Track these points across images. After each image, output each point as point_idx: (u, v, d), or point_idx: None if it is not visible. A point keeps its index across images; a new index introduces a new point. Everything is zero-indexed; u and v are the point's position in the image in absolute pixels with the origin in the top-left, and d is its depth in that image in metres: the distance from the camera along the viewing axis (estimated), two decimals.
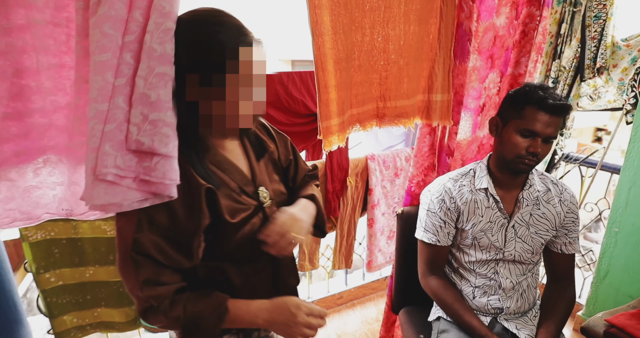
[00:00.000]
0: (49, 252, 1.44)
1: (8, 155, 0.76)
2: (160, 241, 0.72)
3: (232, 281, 0.84)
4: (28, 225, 0.88)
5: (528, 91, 1.06)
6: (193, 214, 0.73)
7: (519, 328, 1.17)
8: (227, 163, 0.82)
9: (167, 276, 0.74)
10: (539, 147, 1.05)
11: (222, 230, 0.78)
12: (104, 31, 0.63)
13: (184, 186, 0.72)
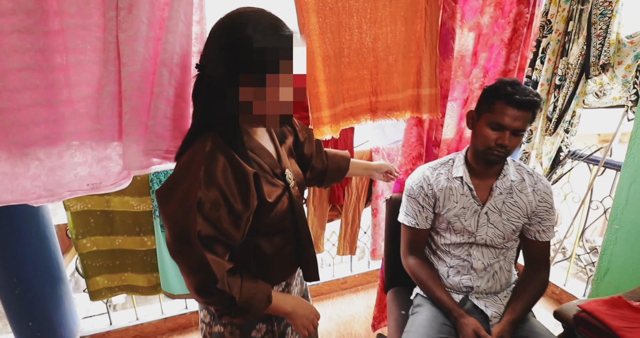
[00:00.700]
0: (86, 221, 1.69)
1: (38, 137, 0.97)
2: (219, 219, 0.79)
3: (264, 252, 0.93)
4: (51, 201, 1.07)
5: (498, 87, 1.14)
6: (244, 196, 0.82)
7: (487, 306, 1.26)
8: (261, 148, 0.90)
9: (222, 253, 0.82)
10: (507, 139, 1.13)
11: (262, 210, 0.87)
12: (134, 49, 0.83)
13: (235, 172, 0.80)
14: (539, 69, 2.05)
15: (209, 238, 0.79)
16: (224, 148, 0.81)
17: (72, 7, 0.93)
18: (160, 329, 2.03)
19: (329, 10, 1.12)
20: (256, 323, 1.00)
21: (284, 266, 1.01)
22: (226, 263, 0.83)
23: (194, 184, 0.77)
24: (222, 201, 0.79)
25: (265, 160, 0.90)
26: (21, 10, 0.95)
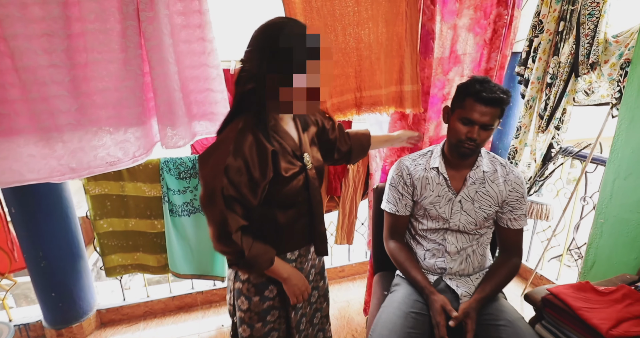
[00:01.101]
0: (103, 204, 1.88)
1: (63, 123, 1.15)
2: (240, 183, 0.97)
3: (278, 222, 1.10)
4: (73, 178, 1.26)
5: (468, 84, 1.23)
6: (263, 168, 0.99)
7: (458, 286, 1.36)
8: (284, 132, 1.08)
9: (240, 212, 1.00)
10: (476, 133, 1.22)
11: (277, 182, 1.04)
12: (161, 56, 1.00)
13: (258, 148, 0.98)
14: (530, 67, 2.13)
15: (230, 198, 0.97)
16: (253, 128, 1.00)
17: (91, 14, 1.10)
18: (169, 306, 2.21)
19: (316, 13, 1.25)
20: (269, 284, 1.17)
21: (296, 237, 1.18)
22: (241, 220, 1.00)
23: (225, 154, 0.96)
24: (244, 170, 0.98)
25: (287, 142, 1.08)
26: (50, 17, 1.13)
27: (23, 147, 1.11)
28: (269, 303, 1.19)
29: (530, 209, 2.26)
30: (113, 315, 2.12)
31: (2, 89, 1.09)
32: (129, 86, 1.17)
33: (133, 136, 1.24)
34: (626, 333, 1.10)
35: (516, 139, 2.24)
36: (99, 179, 1.83)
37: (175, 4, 1.18)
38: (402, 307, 1.30)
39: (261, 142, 1.00)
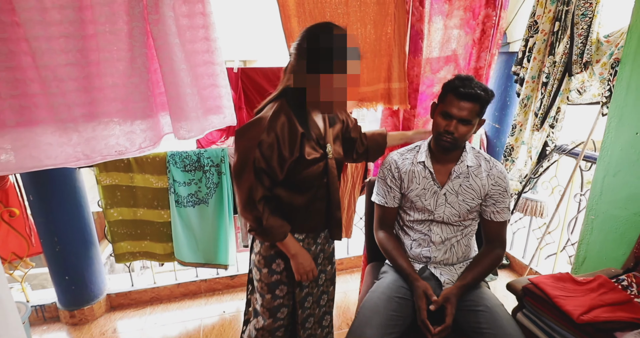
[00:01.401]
0: (113, 194, 2.00)
1: (78, 115, 1.26)
2: (270, 158, 1.12)
3: (294, 203, 1.24)
4: (87, 164, 1.39)
5: (450, 81, 1.30)
6: (291, 147, 1.14)
7: (442, 274, 1.43)
8: (312, 121, 1.22)
9: (266, 183, 1.16)
10: (453, 127, 1.28)
11: (299, 163, 1.17)
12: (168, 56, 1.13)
13: (289, 128, 1.13)
14: (525, 67, 2.17)
15: (260, 169, 1.13)
16: (288, 111, 1.14)
17: (102, 17, 1.21)
18: (174, 293, 2.33)
19: (308, 15, 1.34)
20: (276, 258, 1.30)
21: (311, 220, 1.31)
22: (265, 190, 1.16)
23: (260, 130, 1.10)
24: (275, 146, 1.11)
25: (314, 131, 1.22)
26: (67, 20, 1.25)
27: (41, 136, 1.23)
28: (276, 277, 1.32)
29: (525, 206, 2.31)
30: (122, 300, 2.25)
31: (24, 84, 1.21)
32: (135, 82, 1.29)
33: (138, 128, 1.35)
34: (595, 318, 1.16)
35: (512, 136, 2.29)
36: (110, 171, 1.96)
37: (181, 7, 1.29)
38: (387, 292, 1.37)
39: (293, 123, 1.14)
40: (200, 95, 1.40)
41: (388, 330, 1.26)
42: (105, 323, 2.13)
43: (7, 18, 1.20)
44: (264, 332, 1.38)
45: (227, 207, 2.14)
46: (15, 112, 1.20)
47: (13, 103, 1.20)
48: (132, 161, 1.96)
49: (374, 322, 1.27)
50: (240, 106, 2.19)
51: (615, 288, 1.29)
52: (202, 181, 2.09)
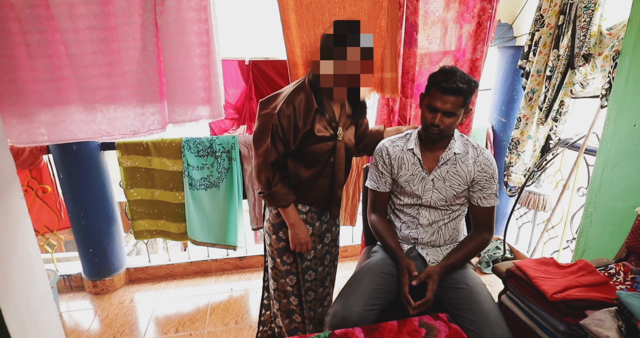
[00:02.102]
0: (133, 175, 2.18)
1: (101, 97, 1.43)
2: (286, 127, 1.26)
3: (300, 176, 1.38)
4: (109, 140, 1.56)
5: (434, 74, 1.31)
6: (305, 120, 1.27)
7: (428, 254, 1.50)
8: (329, 105, 1.35)
9: (280, 149, 1.29)
10: (438, 119, 1.31)
11: (308, 137, 1.30)
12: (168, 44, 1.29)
13: (306, 103, 1.26)
14: (531, 61, 2.19)
15: (277, 135, 1.27)
16: (307, 90, 1.28)
17: (120, 10, 1.37)
18: (187, 270, 2.50)
19: (305, 9, 1.45)
20: (282, 227, 1.45)
21: (315, 194, 1.44)
22: (279, 156, 1.30)
23: (281, 101, 1.25)
24: (292, 117, 1.25)
25: (328, 112, 1.34)
26: (92, 14, 1.42)
27: (75, 113, 1.42)
28: (282, 244, 1.48)
29: (528, 199, 2.32)
30: (139, 274, 2.44)
31: (59, 69, 1.40)
32: (145, 69, 1.44)
33: (148, 111, 1.51)
34: (567, 296, 1.20)
35: (517, 130, 2.31)
36: (130, 154, 2.14)
37: (189, 1, 1.42)
38: (374, 268, 1.46)
39: (310, 100, 1.27)
40: (192, 84, 1.54)
41: (371, 300, 1.35)
42: (124, 294, 2.32)
43: (44, 12, 1.38)
44: (279, 292, 1.56)
45: (237, 191, 2.29)
46: (53, 93, 1.39)
47: (52, 86, 1.39)
48: (151, 145, 2.13)
49: (358, 292, 1.36)
50: (251, 97, 2.32)
51: (594, 271, 1.32)
52: (214, 166, 2.24)
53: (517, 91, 2.46)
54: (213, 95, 1.63)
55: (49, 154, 2.08)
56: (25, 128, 1.49)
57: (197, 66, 1.57)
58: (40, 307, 1.40)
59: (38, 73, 1.44)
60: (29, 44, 1.41)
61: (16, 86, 1.44)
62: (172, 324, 2.06)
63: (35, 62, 1.43)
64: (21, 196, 1.33)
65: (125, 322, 2.08)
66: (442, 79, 1.29)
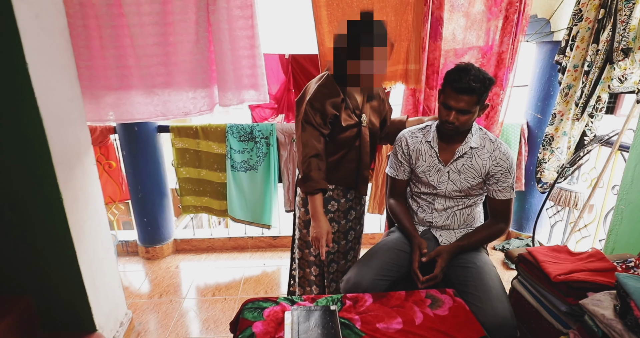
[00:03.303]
0: (183, 155, 2.46)
1: (158, 82, 1.69)
2: (318, 113, 1.39)
3: (328, 159, 1.51)
4: (163, 119, 1.82)
5: (449, 73, 1.35)
6: (333, 107, 1.41)
7: (441, 236, 1.58)
8: (351, 93, 1.47)
9: (315, 134, 1.41)
10: (453, 117, 1.37)
11: (336, 125, 1.45)
12: (220, 38, 1.53)
13: (333, 94, 1.39)
14: (568, 56, 2.17)
15: (311, 125, 1.41)
16: (333, 81, 1.41)
17: (177, 8, 1.61)
18: (225, 245, 2.75)
19: (336, 5, 1.59)
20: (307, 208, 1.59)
21: (341, 175, 1.57)
22: (318, 144, 1.43)
23: (310, 94, 1.40)
24: (321, 105, 1.39)
25: (352, 102, 1.48)
26: (154, 11, 1.67)
27: (135, 97, 1.69)
28: (309, 217, 1.59)
29: (559, 196, 2.29)
30: (185, 245, 2.73)
31: (125, 58, 1.67)
32: (198, 60, 1.68)
33: (199, 95, 1.75)
34: (569, 278, 1.25)
35: (551, 126, 2.29)
36: (182, 136, 2.41)
37: (236, 0, 1.63)
38: (389, 244, 1.58)
39: (336, 91, 1.40)
40: (239, 72, 1.75)
41: (382, 272, 1.47)
42: (171, 261, 2.62)
43: (117, 10, 1.65)
44: (303, 261, 1.73)
45: (273, 175, 2.49)
46: (118, 79, 1.66)
47: (117, 72, 1.66)
48: (199, 129, 2.40)
49: (371, 263, 1.49)
50: (290, 88, 2.51)
51: (603, 258, 1.35)
52: (254, 151, 2.46)
53: (553, 87, 2.43)
54: (258, 82, 1.83)
55: (116, 134, 2.41)
56: (93, 108, 1.79)
57: (243, 56, 1.78)
58: (103, 256, 1.68)
59: (107, 61, 1.72)
60: (102, 37, 1.70)
61: (90, 72, 1.73)
62: (209, 289, 2.31)
63: (106, 52, 1.72)
64: (94, 162, 1.61)
65: (170, 284, 2.36)
66: (456, 79, 1.32)
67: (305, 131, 1.41)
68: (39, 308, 1.55)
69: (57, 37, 1.39)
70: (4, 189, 1.38)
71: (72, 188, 1.46)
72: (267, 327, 1.20)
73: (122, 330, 1.81)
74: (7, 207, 1.40)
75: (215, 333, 1.93)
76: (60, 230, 1.43)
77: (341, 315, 1.26)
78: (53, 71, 1.37)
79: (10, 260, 1.47)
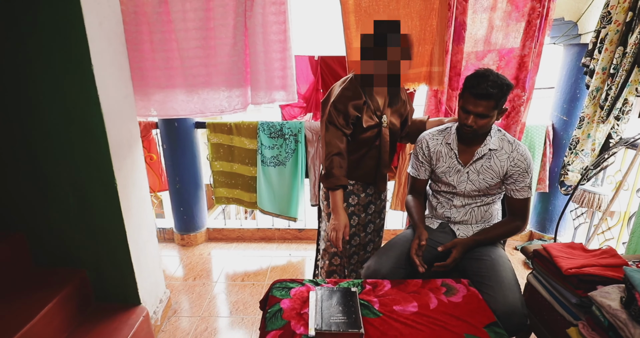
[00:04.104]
0: (217, 150, 2.64)
1: (199, 82, 1.86)
2: (341, 114, 1.48)
3: (349, 157, 1.60)
4: (202, 116, 1.99)
5: (468, 78, 1.40)
6: (355, 108, 1.50)
7: (459, 229, 1.66)
8: (373, 97, 1.56)
9: (337, 134, 1.50)
10: (471, 121, 1.42)
11: (357, 126, 1.54)
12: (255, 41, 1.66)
13: (355, 96, 1.48)
14: (596, 58, 2.18)
15: (335, 126, 1.51)
16: (356, 84, 1.50)
17: (218, 14, 1.78)
18: (254, 236, 2.92)
19: (363, 11, 1.71)
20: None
21: (362, 171, 1.66)
22: (340, 143, 1.52)
23: (334, 96, 1.50)
24: (344, 107, 1.49)
25: (374, 104, 1.57)
26: (198, 18, 1.84)
27: (178, 95, 1.87)
28: (330, 210, 1.69)
29: (582, 198, 2.31)
30: (216, 234, 2.92)
31: (171, 60, 1.86)
32: (234, 61, 1.84)
33: (234, 94, 1.91)
34: (580, 271, 1.31)
35: (579, 129, 2.30)
36: (217, 132, 2.59)
37: (270, 7, 1.78)
38: (407, 236, 1.68)
39: (359, 93, 1.50)
40: (271, 73, 1.91)
41: (400, 261, 1.56)
42: (204, 248, 2.81)
43: (165, 17, 1.84)
44: (324, 252, 1.84)
45: (301, 170, 2.63)
46: (165, 79, 1.85)
47: (165, 73, 1.85)
48: (233, 126, 2.57)
49: (390, 253, 1.59)
50: (318, 89, 2.64)
51: (615, 255, 1.39)
52: (283, 147, 2.61)
53: (580, 89, 2.44)
54: (288, 83, 1.97)
55: (157, 129, 2.62)
56: (143, 104, 1.99)
57: (275, 59, 1.92)
58: (147, 239, 1.87)
59: (156, 63, 1.91)
60: (152, 41, 1.89)
61: (141, 72, 1.93)
62: (238, 275, 2.48)
63: (155, 55, 1.91)
64: (141, 153, 1.80)
65: (203, 269, 2.55)
66: (474, 84, 1.38)
67: (329, 131, 1.51)
68: (93, 281, 1.76)
69: (115, 42, 1.57)
70: (69, 175, 1.58)
71: (124, 176, 1.65)
72: (293, 303, 1.33)
73: (161, 306, 2.00)
74: (71, 190, 1.60)
75: (245, 314, 2.09)
76: (114, 212, 1.62)
77: (361, 297, 1.37)
78: (111, 72, 1.56)
79: (70, 236, 1.68)
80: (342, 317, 1.21)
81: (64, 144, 1.53)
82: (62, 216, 1.64)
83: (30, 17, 1.37)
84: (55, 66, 1.42)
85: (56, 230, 1.66)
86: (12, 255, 1.63)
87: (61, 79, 1.44)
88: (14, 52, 1.42)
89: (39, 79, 1.45)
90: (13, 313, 1.44)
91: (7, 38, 1.40)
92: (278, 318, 1.26)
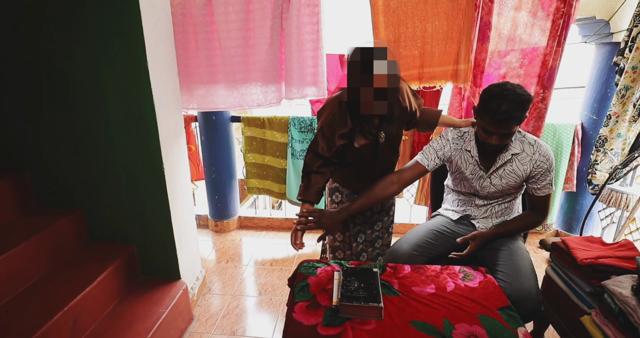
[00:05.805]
0: (251, 143, 2.81)
1: (238, 79, 2.02)
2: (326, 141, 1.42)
3: (344, 167, 1.59)
4: (240, 109, 2.16)
5: (486, 101, 1.36)
6: (342, 137, 1.42)
7: (479, 222, 1.71)
8: (370, 118, 1.45)
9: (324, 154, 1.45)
10: (494, 140, 1.42)
11: (348, 147, 1.47)
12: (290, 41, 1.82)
13: (342, 124, 1.39)
14: (627, 57, 2.17)
15: (312, 150, 1.48)
16: (344, 111, 1.41)
17: (257, 16, 1.93)
18: (282, 225, 3.08)
19: (392, 12, 1.80)
20: (335, 191, 1.72)
21: (356, 182, 1.66)
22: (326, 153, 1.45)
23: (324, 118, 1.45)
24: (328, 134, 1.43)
25: (370, 123, 1.47)
26: (238, 19, 2.00)
27: (219, 90, 2.05)
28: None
29: (609, 197, 2.30)
30: (247, 222, 3.10)
31: (213, 58, 2.03)
32: (271, 59, 1.99)
33: (270, 89, 2.07)
34: (594, 261, 1.36)
35: (605, 127, 2.30)
36: (251, 126, 2.76)
37: (305, 9, 1.92)
38: (428, 225, 1.76)
39: (345, 121, 1.41)
40: (304, 71, 2.04)
41: (419, 248, 1.64)
42: (236, 235, 3.00)
43: (209, 18, 2.01)
44: (328, 246, 1.91)
45: None
46: (207, 75, 2.03)
47: (207, 69, 2.03)
48: (266, 120, 2.73)
49: (410, 240, 1.68)
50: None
51: (633, 248, 1.43)
52: None
53: (610, 89, 2.43)
54: (319, 79, 2.10)
55: (196, 122, 2.82)
56: (186, 98, 2.18)
57: (308, 57, 2.06)
58: (187, 220, 2.06)
59: (200, 60, 2.09)
60: (197, 40, 2.07)
61: (186, 69, 2.12)
62: (267, 260, 2.64)
63: (199, 53, 2.09)
64: (184, 143, 1.99)
65: (234, 253, 2.73)
66: (495, 108, 1.33)
67: (316, 144, 1.45)
68: (140, 256, 1.96)
69: (165, 41, 1.75)
70: (124, 160, 1.78)
71: (170, 162, 1.83)
72: (319, 280, 1.46)
73: (197, 283, 2.19)
74: (124, 174, 1.81)
75: (272, 295, 2.24)
76: (161, 194, 1.81)
77: (382, 278, 1.48)
78: (162, 68, 1.74)
79: (122, 215, 1.89)
80: (364, 292, 1.32)
81: (122, 133, 1.73)
82: (116, 196, 1.85)
83: (99, 22, 1.57)
84: (117, 63, 1.62)
85: (110, 208, 1.87)
86: (74, 230, 1.86)
87: (121, 74, 1.63)
88: (86, 53, 1.62)
89: (103, 74, 1.65)
90: (73, 279, 1.65)
91: (80, 40, 1.61)
92: (305, 292, 1.39)
